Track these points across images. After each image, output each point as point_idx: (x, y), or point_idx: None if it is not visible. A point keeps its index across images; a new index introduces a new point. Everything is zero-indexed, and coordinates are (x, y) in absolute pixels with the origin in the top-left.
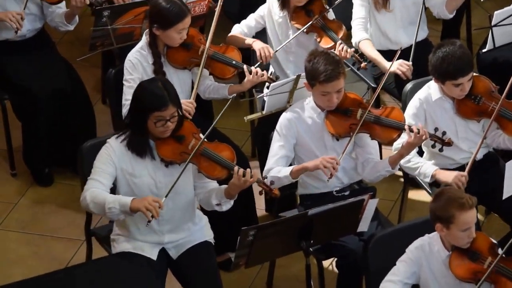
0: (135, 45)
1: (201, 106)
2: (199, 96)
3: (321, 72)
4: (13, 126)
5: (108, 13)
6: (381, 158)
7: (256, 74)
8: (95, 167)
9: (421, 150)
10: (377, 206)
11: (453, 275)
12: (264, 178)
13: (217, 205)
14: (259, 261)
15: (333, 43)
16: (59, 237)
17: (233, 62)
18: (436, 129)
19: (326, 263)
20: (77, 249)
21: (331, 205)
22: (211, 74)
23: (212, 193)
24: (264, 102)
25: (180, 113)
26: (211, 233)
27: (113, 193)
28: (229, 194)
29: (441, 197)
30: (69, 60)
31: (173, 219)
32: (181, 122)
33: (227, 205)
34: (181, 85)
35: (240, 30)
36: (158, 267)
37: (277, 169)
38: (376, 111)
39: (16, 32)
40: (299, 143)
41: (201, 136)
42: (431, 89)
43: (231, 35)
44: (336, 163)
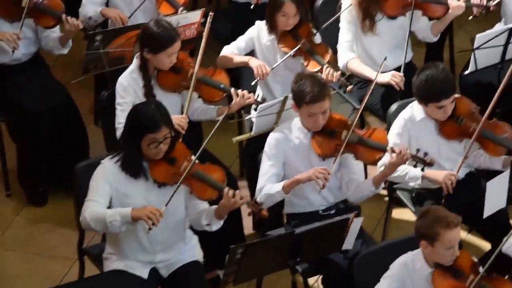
0: (127, 68)
1: (191, 127)
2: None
3: (307, 93)
4: (7, 147)
5: (100, 37)
6: (366, 177)
7: (243, 97)
8: (92, 188)
9: None
10: (361, 224)
11: None
12: (256, 200)
13: (207, 225)
14: (247, 278)
15: (320, 67)
16: (52, 255)
17: (221, 85)
18: (418, 150)
19: (312, 280)
20: (70, 267)
21: (317, 224)
22: (200, 97)
23: (202, 213)
24: (252, 123)
25: (172, 134)
26: (201, 252)
27: None
28: (219, 214)
29: (427, 216)
30: (63, 82)
31: (165, 239)
32: (173, 144)
33: (217, 225)
34: (171, 107)
35: (231, 50)
36: (149, 286)
37: (269, 186)
38: (360, 132)
39: (13, 51)
40: (287, 162)
41: (193, 158)
42: (415, 110)
43: (223, 55)
44: (328, 173)
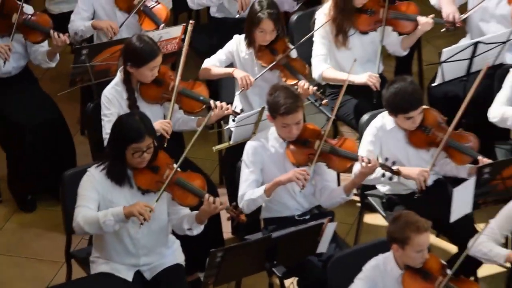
0: (112, 81)
1: (173, 136)
2: None
3: (281, 105)
4: None
5: (86, 51)
6: (339, 183)
7: (221, 108)
8: (80, 195)
9: None
10: (335, 229)
11: None
12: (234, 205)
13: (189, 229)
14: (226, 280)
15: (296, 81)
16: (41, 259)
17: (201, 97)
18: (386, 159)
19: (288, 282)
20: (58, 270)
21: (293, 228)
22: (180, 108)
23: (184, 218)
24: (231, 133)
25: (155, 144)
26: (183, 255)
27: None
28: (200, 219)
29: (399, 220)
30: (51, 94)
31: (148, 243)
32: (156, 153)
33: (198, 229)
34: (154, 118)
35: (212, 63)
36: None
37: (250, 192)
38: (332, 142)
39: (4, 63)
40: (264, 169)
41: (175, 166)
42: (385, 119)
43: (206, 67)
44: (307, 174)
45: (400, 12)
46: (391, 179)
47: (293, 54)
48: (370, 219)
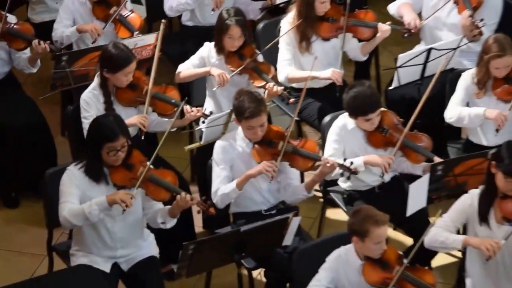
0: (90, 85)
1: (148, 137)
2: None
3: (246, 109)
4: None
5: (66, 57)
6: (303, 180)
7: (192, 111)
8: (63, 192)
9: None
10: (299, 223)
11: (366, 281)
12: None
13: (162, 223)
14: (198, 272)
15: (264, 82)
16: (25, 252)
17: (173, 100)
18: (345, 159)
19: (255, 273)
20: (40, 262)
21: (260, 223)
22: (154, 111)
23: (158, 213)
24: (202, 133)
25: (129, 143)
26: (157, 248)
27: None
28: (172, 213)
29: (359, 214)
30: (33, 98)
31: (124, 235)
32: (130, 151)
33: (171, 223)
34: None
35: (187, 67)
36: (110, 279)
37: (223, 187)
38: (294, 143)
39: None
40: (233, 167)
41: (148, 163)
42: (346, 119)
43: (182, 71)
44: (275, 166)
45: (359, 19)
46: (349, 178)
47: (260, 58)
48: (332, 213)
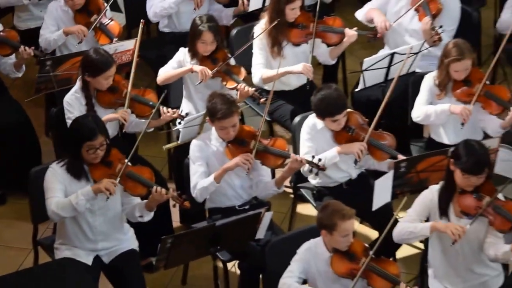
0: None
1: (127, 136)
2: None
3: (218, 110)
4: None
5: (50, 62)
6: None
7: (169, 112)
8: (48, 188)
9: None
10: (271, 217)
11: (333, 272)
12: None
13: (140, 216)
14: (176, 264)
15: (236, 84)
16: (11, 246)
17: (150, 103)
18: (313, 156)
19: (230, 265)
20: (26, 256)
21: (234, 217)
22: (133, 112)
23: (135, 207)
24: (179, 133)
25: (108, 141)
26: (136, 242)
27: None
28: (149, 207)
29: (327, 209)
30: (19, 100)
31: (105, 229)
32: (109, 150)
33: (148, 216)
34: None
35: (167, 70)
36: (92, 271)
37: (202, 182)
38: (265, 142)
39: None
40: (208, 164)
41: (126, 160)
42: (316, 119)
43: (163, 73)
44: (251, 158)
45: (328, 25)
46: (317, 174)
47: (232, 62)
48: (302, 208)
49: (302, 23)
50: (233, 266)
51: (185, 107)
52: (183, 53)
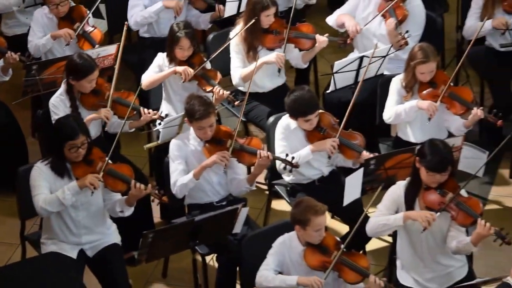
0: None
1: (109, 136)
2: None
3: (196, 111)
4: None
5: (36, 67)
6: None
7: (149, 113)
8: (34, 186)
9: None
10: (247, 213)
11: (307, 264)
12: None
13: (121, 212)
14: (157, 257)
15: (212, 87)
16: (0, 242)
17: (131, 104)
18: (287, 155)
19: (208, 258)
20: (14, 251)
21: (212, 213)
22: (115, 114)
23: (116, 203)
24: (159, 133)
25: (89, 140)
26: (119, 236)
27: None
28: (129, 202)
29: (300, 205)
30: (6, 103)
31: (88, 224)
32: (90, 149)
33: (128, 211)
34: (93, 122)
35: (150, 75)
36: (77, 264)
37: (181, 179)
38: (241, 141)
39: None
40: (187, 162)
41: (106, 158)
42: (289, 120)
43: (147, 78)
44: (228, 155)
45: (300, 32)
46: (290, 171)
47: (208, 66)
48: (276, 204)
49: (276, 29)
50: (212, 259)
51: (165, 108)
52: (161, 57)
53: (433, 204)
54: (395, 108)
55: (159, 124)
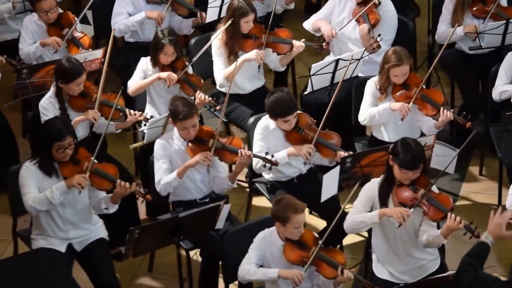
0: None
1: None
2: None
3: (180, 112)
4: None
5: (26, 70)
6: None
7: (135, 115)
8: (23, 185)
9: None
10: (229, 209)
11: (286, 259)
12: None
13: (106, 209)
14: (143, 252)
15: (194, 92)
16: None
17: (118, 106)
18: (266, 153)
19: (192, 253)
20: (6, 247)
21: (196, 209)
22: (102, 115)
23: (101, 200)
24: (144, 134)
25: (76, 141)
26: (106, 232)
27: None
28: (114, 200)
29: (281, 203)
30: None
31: (74, 220)
32: (77, 149)
33: (113, 208)
34: (81, 124)
35: (136, 80)
36: (66, 259)
37: (165, 177)
38: (223, 140)
39: None
40: (171, 161)
41: (92, 158)
42: (268, 120)
43: (133, 84)
44: (211, 155)
45: (278, 37)
46: (270, 168)
47: (190, 71)
48: (257, 201)
49: (255, 34)
50: (195, 254)
51: (149, 111)
52: (144, 62)
53: (406, 200)
54: (370, 110)
55: (144, 125)
